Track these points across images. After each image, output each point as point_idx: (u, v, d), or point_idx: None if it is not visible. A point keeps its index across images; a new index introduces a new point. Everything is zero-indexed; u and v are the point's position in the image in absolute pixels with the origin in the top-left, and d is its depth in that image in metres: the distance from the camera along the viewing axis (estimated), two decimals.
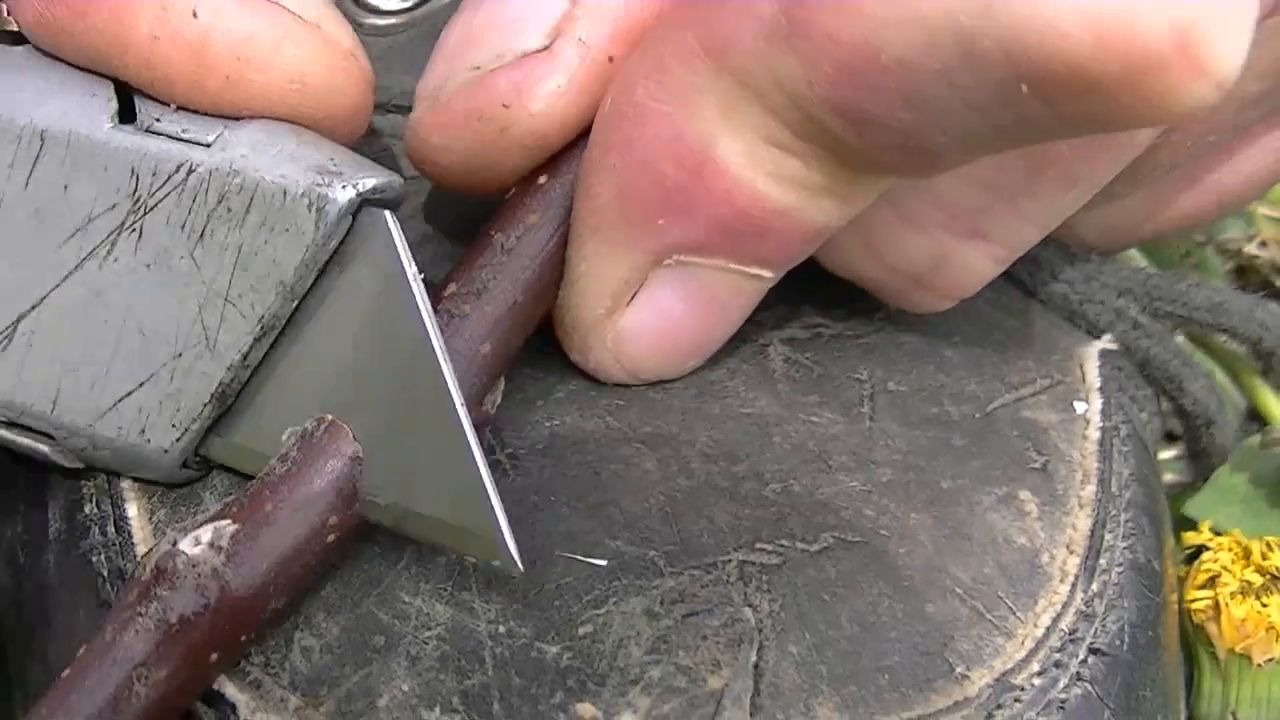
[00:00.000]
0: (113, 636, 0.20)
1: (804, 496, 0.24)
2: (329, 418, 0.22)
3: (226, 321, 0.22)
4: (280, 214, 0.22)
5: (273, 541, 0.21)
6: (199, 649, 0.20)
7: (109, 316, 0.23)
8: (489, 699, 0.20)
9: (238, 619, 0.21)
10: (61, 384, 0.23)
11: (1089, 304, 0.29)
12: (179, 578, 0.20)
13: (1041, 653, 0.22)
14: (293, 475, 0.21)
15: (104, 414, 0.23)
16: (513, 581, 0.22)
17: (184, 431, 0.23)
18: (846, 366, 0.26)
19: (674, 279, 0.24)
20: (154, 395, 0.23)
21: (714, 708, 0.20)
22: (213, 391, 0.23)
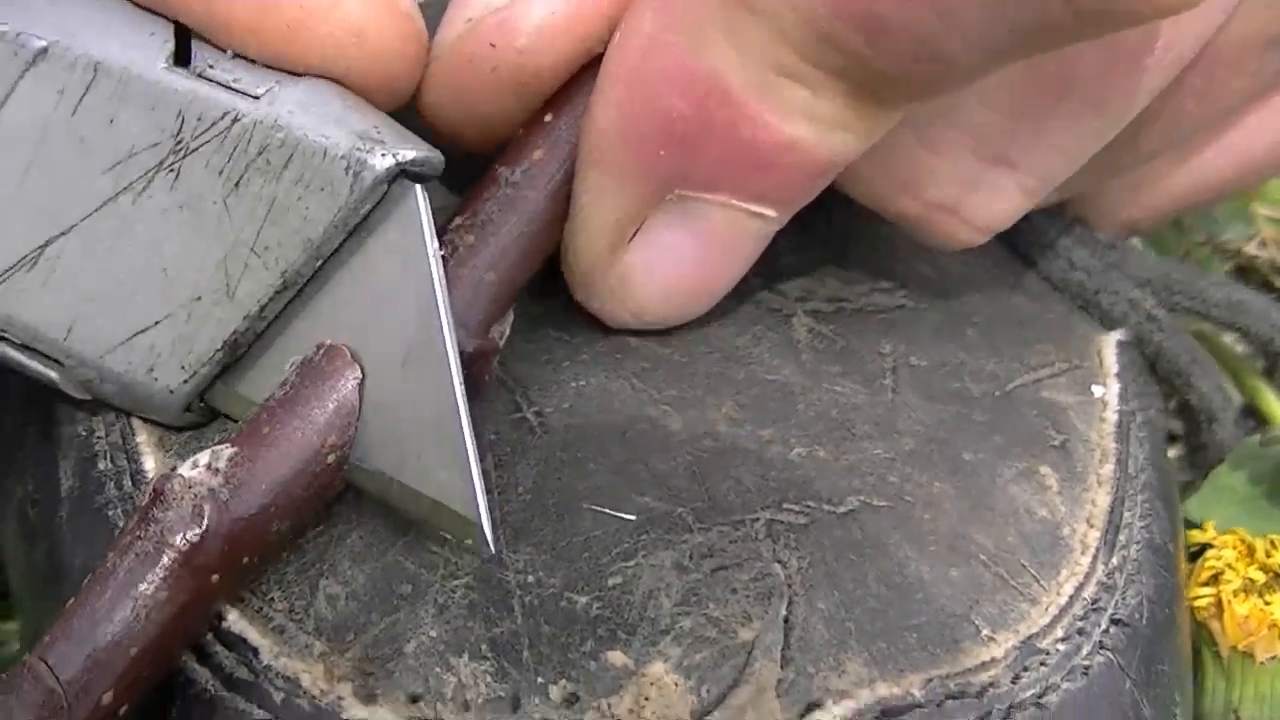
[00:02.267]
0: (114, 563, 0.20)
1: (829, 461, 0.24)
2: (328, 342, 0.22)
3: (249, 271, 0.23)
4: (317, 173, 0.22)
5: (271, 462, 0.21)
6: (200, 571, 0.20)
7: (135, 252, 0.23)
8: (518, 646, 0.20)
9: (238, 540, 0.21)
10: (78, 313, 0.23)
11: (1104, 294, 0.29)
12: (175, 499, 0.20)
13: (1065, 619, 0.22)
14: (290, 398, 0.22)
15: (115, 348, 0.23)
16: (541, 532, 0.22)
17: (192, 374, 0.23)
18: (869, 340, 0.26)
19: (676, 215, 0.23)
20: (167, 335, 0.23)
21: (745, 658, 0.20)
22: (225, 338, 0.23)
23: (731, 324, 0.26)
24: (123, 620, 0.20)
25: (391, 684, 0.20)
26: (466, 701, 0.20)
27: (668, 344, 0.25)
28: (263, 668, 0.21)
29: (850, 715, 0.20)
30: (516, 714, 0.20)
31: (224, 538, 0.20)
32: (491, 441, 0.23)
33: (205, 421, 0.24)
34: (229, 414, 0.24)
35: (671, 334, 0.26)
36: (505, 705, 0.20)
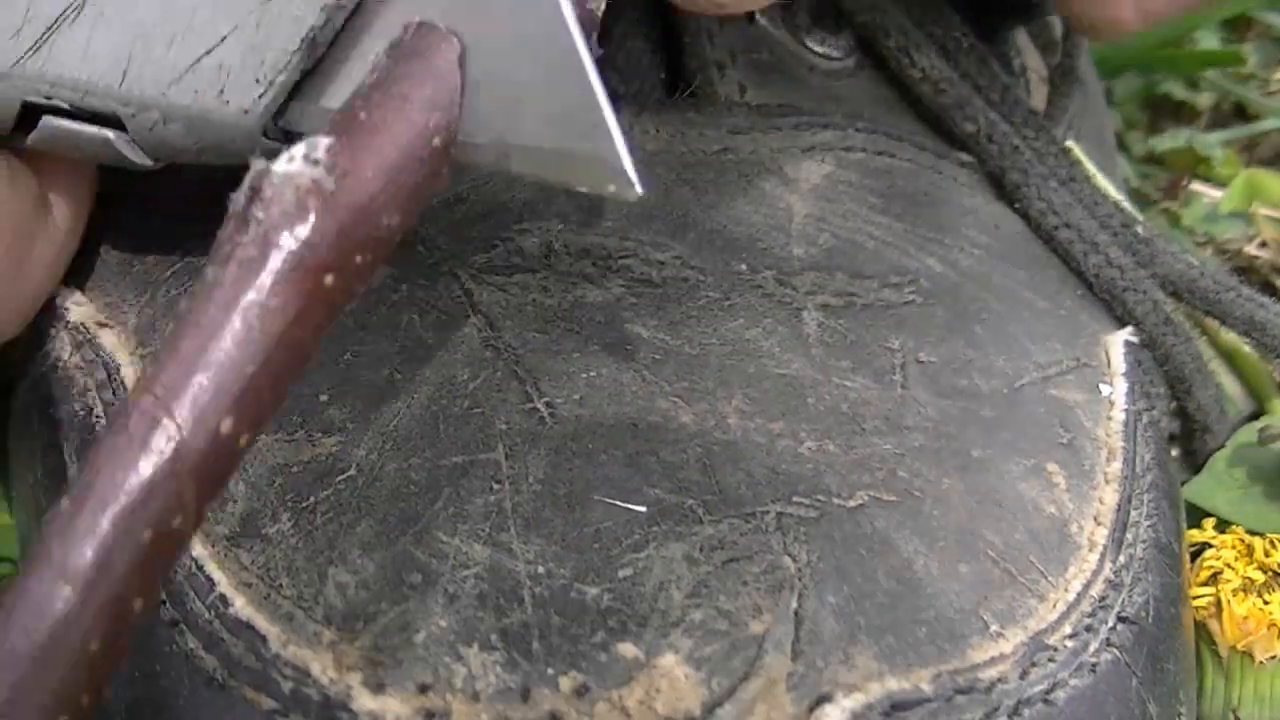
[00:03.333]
0: (214, 275, 0.18)
1: (839, 456, 0.24)
2: (415, 19, 0.20)
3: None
4: None
5: (374, 147, 0.19)
6: (313, 272, 0.18)
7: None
8: (529, 637, 0.20)
9: (349, 235, 0.19)
10: (133, 51, 0.22)
11: (1131, 292, 0.29)
12: (276, 194, 0.18)
13: (1073, 616, 0.22)
14: (384, 81, 0.20)
15: (180, 77, 0.22)
16: (551, 524, 0.22)
17: (268, 85, 0.21)
18: (878, 335, 0.26)
19: None
20: (236, 49, 0.21)
21: (756, 651, 0.20)
22: (303, 36, 0.21)
23: (742, 317, 0.26)
24: (233, 336, 0.18)
25: (401, 674, 0.20)
26: (476, 692, 0.20)
27: (678, 336, 0.25)
28: (271, 656, 0.20)
29: (859, 709, 0.20)
30: (526, 704, 0.20)
31: (334, 232, 0.18)
32: (502, 432, 0.23)
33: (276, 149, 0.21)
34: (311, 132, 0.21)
35: (682, 326, 0.26)
36: (515, 696, 0.20)
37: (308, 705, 0.20)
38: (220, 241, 0.18)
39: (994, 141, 0.32)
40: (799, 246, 0.28)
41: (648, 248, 0.27)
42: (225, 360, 0.18)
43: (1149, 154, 0.48)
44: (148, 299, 0.26)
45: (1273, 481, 0.32)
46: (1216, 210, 0.43)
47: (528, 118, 0.20)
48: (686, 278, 0.27)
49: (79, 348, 0.26)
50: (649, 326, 0.25)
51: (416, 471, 0.22)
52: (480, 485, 0.22)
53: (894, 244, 0.29)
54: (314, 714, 0.20)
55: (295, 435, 0.23)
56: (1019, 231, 0.31)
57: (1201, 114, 0.50)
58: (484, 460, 0.23)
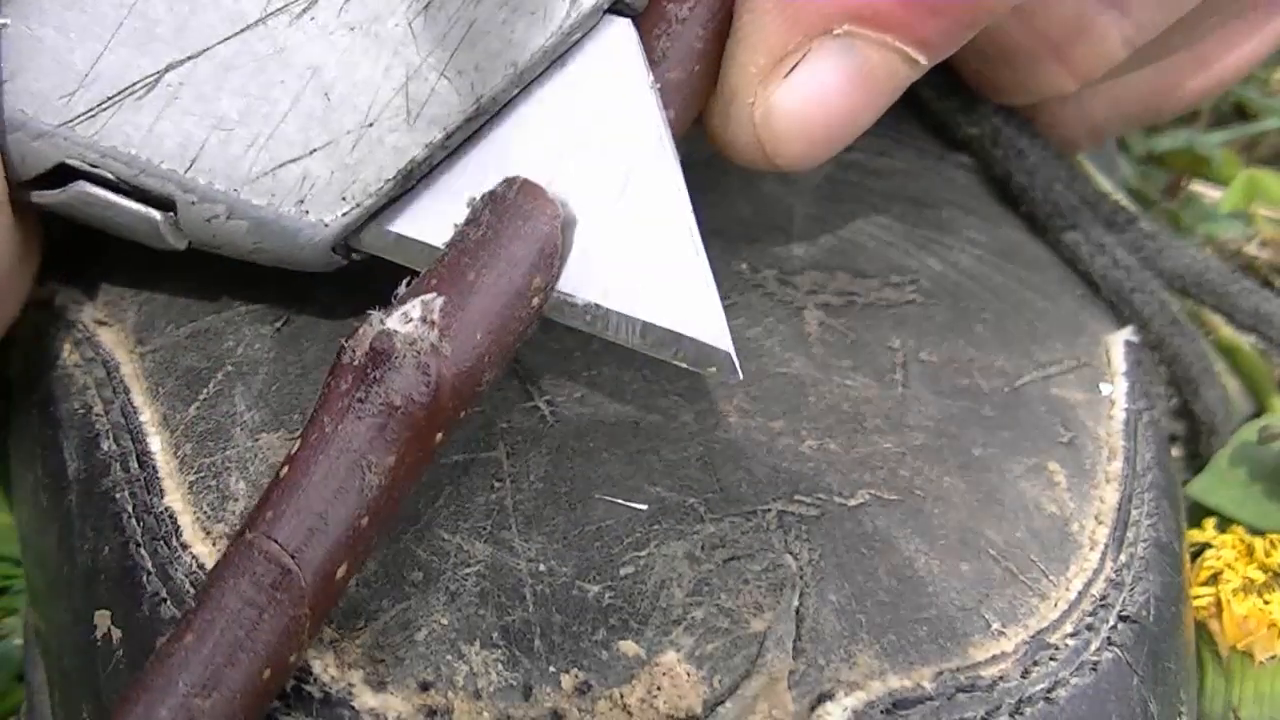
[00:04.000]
0: (332, 428, 0.19)
1: (840, 454, 0.24)
2: (520, 177, 0.21)
3: (436, 95, 0.22)
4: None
5: (481, 309, 0.20)
6: (425, 431, 0.19)
7: (287, 77, 0.22)
8: (530, 635, 0.20)
9: (459, 394, 0.20)
10: (208, 142, 0.22)
11: (1138, 293, 0.30)
12: (398, 357, 0.19)
13: (1074, 615, 0.22)
14: (491, 239, 0.20)
15: (257, 178, 0.22)
16: (553, 522, 0.22)
17: (354, 206, 0.22)
18: (879, 334, 0.26)
19: (838, 51, 0.24)
20: (327, 164, 0.22)
21: (757, 649, 0.20)
22: (401, 167, 0.22)
23: (743, 316, 0.26)
24: (352, 490, 0.19)
25: (402, 671, 0.20)
26: (478, 690, 0.20)
27: None
28: None
29: (861, 707, 0.20)
30: (528, 702, 0.20)
31: (448, 395, 0.19)
32: (503, 430, 0.23)
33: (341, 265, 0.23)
34: (380, 254, 0.22)
35: None
36: (517, 694, 0.20)
37: (309, 703, 0.20)
38: (334, 390, 0.19)
39: (999, 146, 0.32)
40: (799, 246, 0.28)
41: None
42: (345, 514, 0.19)
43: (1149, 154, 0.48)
44: (146, 297, 0.26)
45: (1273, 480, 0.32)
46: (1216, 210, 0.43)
47: (632, 288, 0.21)
48: None
49: (78, 346, 0.26)
50: None
51: None
52: (481, 483, 0.22)
53: (894, 243, 0.29)
54: (316, 712, 0.20)
55: (296, 434, 0.23)
56: (1019, 232, 0.31)
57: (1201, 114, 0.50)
58: (485, 458, 0.23)
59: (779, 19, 0.23)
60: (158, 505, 0.23)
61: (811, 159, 0.25)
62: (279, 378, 0.24)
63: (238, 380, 0.24)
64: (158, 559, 0.22)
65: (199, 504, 0.22)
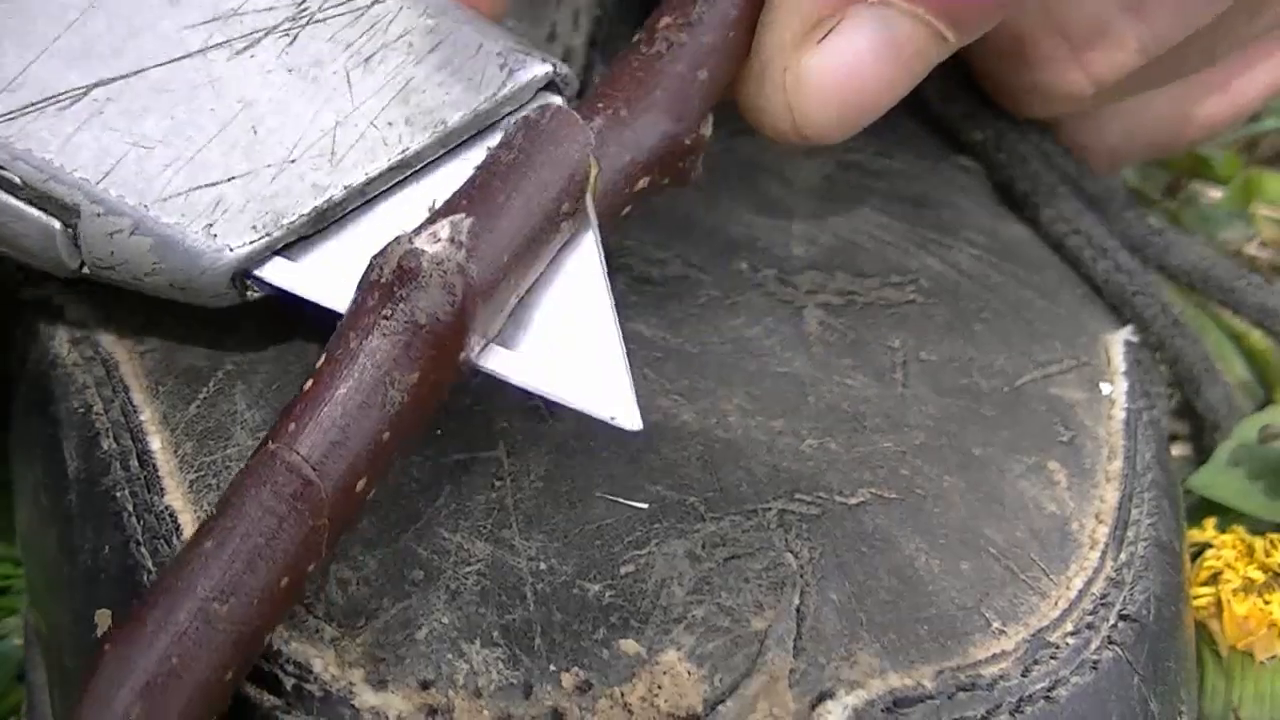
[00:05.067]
0: (357, 344, 0.19)
1: (840, 454, 0.24)
2: (555, 102, 0.21)
3: (363, 142, 0.22)
4: (467, 64, 0.22)
5: (509, 231, 0.20)
6: (449, 348, 0.20)
7: (218, 106, 0.22)
8: (531, 633, 0.20)
9: (481, 315, 0.20)
10: (126, 157, 0.22)
11: (1140, 296, 0.30)
12: (424, 276, 0.19)
13: (1075, 614, 0.22)
14: (523, 162, 0.21)
15: (169, 197, 0.22)
16: (553, 520, 0.22)
17: (263, 236, 0.22)
18: (879, 334, 0.27)
19: (869, 22, 0.24)
20: (243, 192, 0.22)
21: (757, 647, 0.20)
22: (317, 204, 0.22)
23: (743, 315, 0.26)
24: (375, 405, 0.19)
25: (403, 670, 0.20)
26: (478, 688, 0.20)
27: (679, 334, 0.25)
28: (273, 652, 0.20)
29: (862, 706, 0.20)
30: (528, 701, 0.20)
31: (472, 314, 0.20)
32: (503, 429, 0.23)
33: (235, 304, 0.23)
34: (278, 288, 0.22)
35: (684, 325, 0.26)
36: (517, 692, 0.20)
37: (310, 702, 0.20)
38: (361, 307, 0.20)
39: (1002, 150, 0.32)
40: (799, 246, 0.28)
41: (649, 246, 0.27)
42: (367, 429, 0.19)
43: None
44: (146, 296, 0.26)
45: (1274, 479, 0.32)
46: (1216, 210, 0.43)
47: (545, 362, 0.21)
48: (687, 276, 0.27)
49: (77, 344, 0.26)
50: (650, 325, 0.25)
51: (418, 468, 0.22)
52: (482, 482, 0.22)
53: (894, 243, 0.29)
54: (316, 710, 0.20)
55: None
56: (1018, 232, 0.31)
57: None
58: (485, 457, 0.23)
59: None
60: (158, 504, 0.23)
61: (838, 131, 0.25)
62: (279, 377, 0.24)
63: (238, 379, 0.24)
64: (158, 558, 0.22)
65: (199, 503, 0.22)
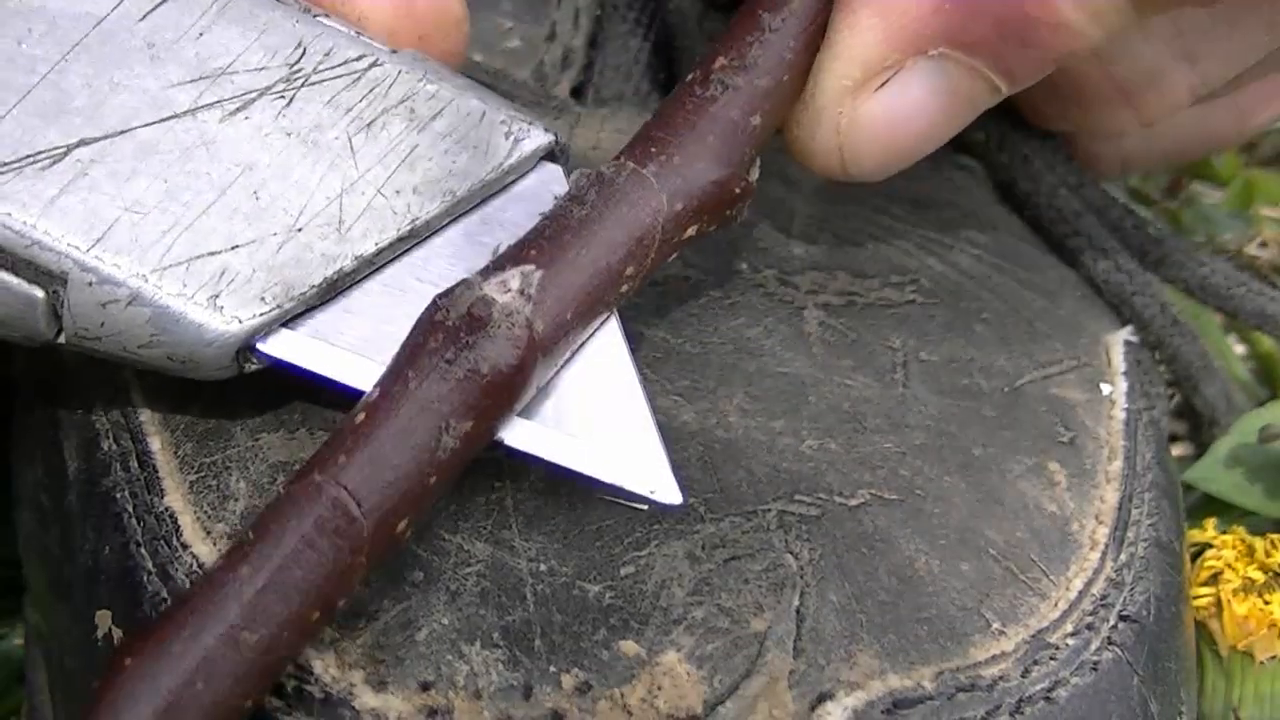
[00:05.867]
0: (416, 384, 0.19)
1: (840, 454, 0.24)
2: (629, 164, 0.21)
3: (372, 211, 0.22)
4: (472, 131, 0.22)
5: (575, 288, 0.20)
6: (505, 400, 0.20)
7: (214, 170, 0.21)
8: (530, 635, 0.20)
9: (539, 366, 0.20)
10: (118, 222, 0.21)
11: (1140, 296, 0.30)
12: (493, 326, 0.19)
13: (1075, 614, 0.22)
14: (594, 219, 0.21)
15: (169, 266, 0.21)
16: (553, 521, 0.22)
17: (274, 308, 0.21)
18: (879, 334, 0.27)
19: (930, 72, 0.24)
20: (249, 261, 0.21)
21: (757, 649, 0.20)
22: (328, 275, 0.21)
23: (743, 316, 0.26)
24: (427, 449, 0.19)
25: (403, 671, 0.20)
26: (478, 690, 0.20)
27: (680, 335, 0.25)
28: None
29: (861, 707, 0.20)
30: (528, 702, 0.20)
31: (531, 367, 0.20)
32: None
33: (234, 374, 0.22)
34: (282, 361, 0.21)
35: (684, 325, 0.26)
36: (517, 694, 0.20)
37: (310, 703, 0.20)
38: (421, 348, 0.19)
39: (1003, 150, 0.32)
40: (800, 246, 0.28)
41: None
42: (415, 470, 0.19)
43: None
44: None
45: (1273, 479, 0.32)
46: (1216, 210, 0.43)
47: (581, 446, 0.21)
48: (688, 276, 0.27)
49: None
50: (650, 325, 0.25)
51: None
52: (481, 483, 0.22)
53: (894, 244, 0.29)
54: (316, 712, 0.20)
55: (296, 433, 0.23)
56: (1019, 232, 0.31)
57: None
58: (485, 458, 0.23)
59: (878, 35, 0.24)
60: (158, 505, 0.23)
61: (883, 172, 0.26)
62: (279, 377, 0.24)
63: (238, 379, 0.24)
64: (158, 559, 0.22)
65: (199, 503, 0.22)
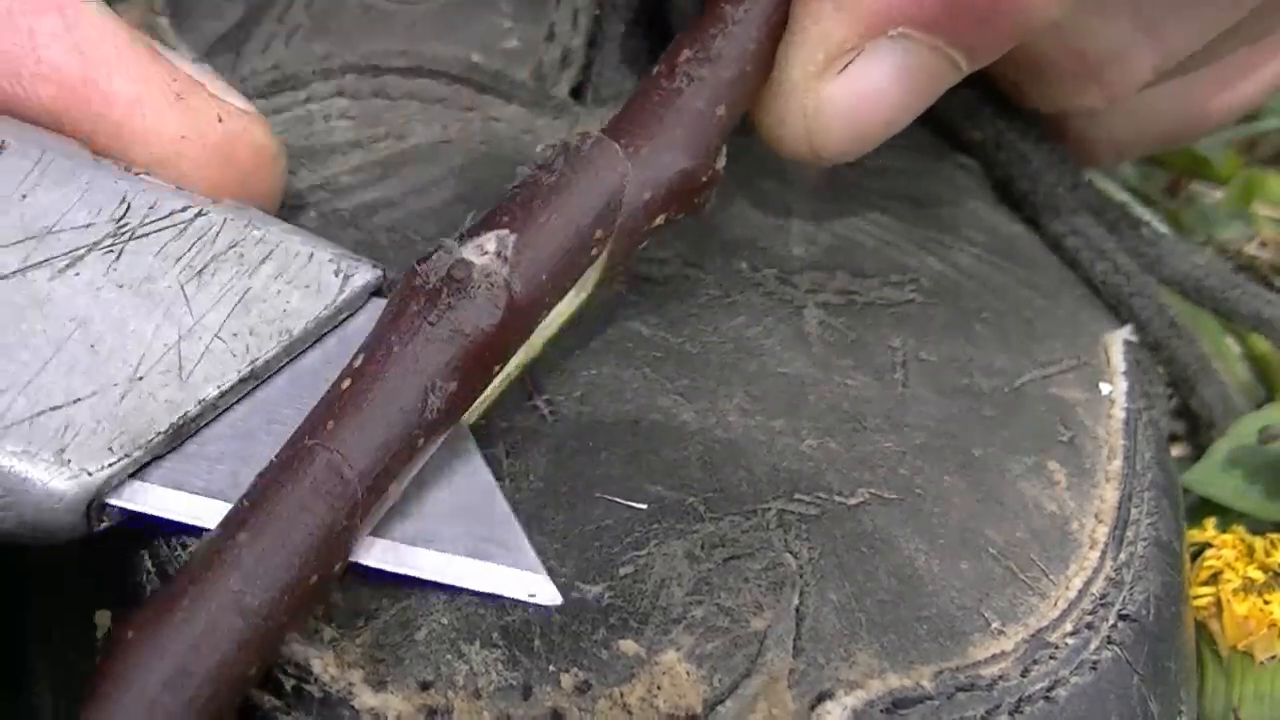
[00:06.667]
0: (400, 347, 0.20)
1: (840, 453, 0.24)
2: (595, 133, 0.22)
3: (210, 355, 0.22)
4: (301, 272, 0.23)
5: (549, 251, 0.21)
6: (488, 360, 0.20)
7: (49, 327, 0.21)
8: (530, 635, 0.20)
9: (519, 328, 0.21)
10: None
11: (1138, 297, 0.30)
12: (473, 286, 0.20)
13: (1074, 614, 0.22)
14: (564, 185, 0.22)
15: (10, 425, 0.20)
16: (553, 521, 0.22)
17: (123, 457, 0.21)
18: (879, 334, 0.27)
19: (891, 52, 0.25)
20: (92, 414, 0.21)
21: (757, 648, 0.20)
22: (173, 421, 0.21)
23: (743, 315, 0.26)
24: (414, 410, 0.20)
25: (402, 671, 0.20)
26: (478, 689, 0.20)
27: (679, 334, 0.25)
28: None
29: (861, 706, 0.20)
30: (528, 702, 0.20)
31: (510, 326, 0.20)
32: (503, 430, 0.23)
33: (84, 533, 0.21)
34: (135, 513, 0.21)
35: (684, 324, 0.26)
36: (517, 693, 0.20)
37: (309, 702, 0.20)
38: (403, 311, 0.20)
39: (1002, 149, 0.32)
40: (799, 245, 0.28)
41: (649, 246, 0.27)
42: (401, 433, 0.19)
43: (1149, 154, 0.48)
44: None
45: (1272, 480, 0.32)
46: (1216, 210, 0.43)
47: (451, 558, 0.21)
48: (687, 276, 0.27)
49: None
50: (650, 324, 0.25)
51: None
52: None
53: (894, 243, 0.29)
54: (316, 711, 0.20)
55: None
56: (1018, 232, 0.31)
57: None
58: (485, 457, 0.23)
59: (839, 20, 0.25)
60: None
61: (853, 152, 0.26)
62: None
63: None
64: (158, 559, 0.22)
65: None
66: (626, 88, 0.31)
